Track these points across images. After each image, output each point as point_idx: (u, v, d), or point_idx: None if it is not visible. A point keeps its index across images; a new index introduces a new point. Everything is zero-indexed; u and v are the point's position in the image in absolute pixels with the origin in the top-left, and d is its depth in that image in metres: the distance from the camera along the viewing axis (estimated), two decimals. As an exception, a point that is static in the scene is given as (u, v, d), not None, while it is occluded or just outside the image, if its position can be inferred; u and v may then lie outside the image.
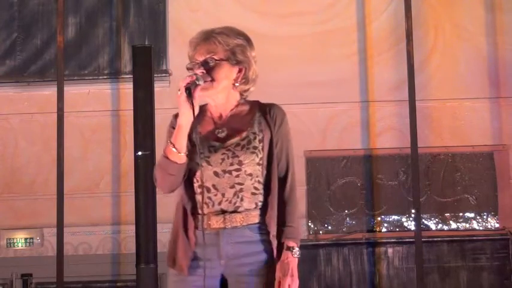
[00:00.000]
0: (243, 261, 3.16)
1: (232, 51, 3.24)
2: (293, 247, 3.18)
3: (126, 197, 7.29)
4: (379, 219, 7.47)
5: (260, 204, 3.20)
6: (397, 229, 7.44)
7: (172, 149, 3.12)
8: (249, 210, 3.18)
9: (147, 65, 6.83)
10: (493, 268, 7.24)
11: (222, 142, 3.21)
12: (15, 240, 7.47)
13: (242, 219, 3.17)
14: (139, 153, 6.54)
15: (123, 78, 7.62)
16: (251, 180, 3.18)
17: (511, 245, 7.24)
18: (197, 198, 3.19)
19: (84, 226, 7.46)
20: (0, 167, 7.57)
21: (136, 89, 6.84)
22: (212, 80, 3.18)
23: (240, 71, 3.26)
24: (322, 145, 7.56)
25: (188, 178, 3.20)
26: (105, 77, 7.67)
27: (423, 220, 7.28)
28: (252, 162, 3.19)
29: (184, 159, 3.14)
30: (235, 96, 3.29)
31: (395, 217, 7.46)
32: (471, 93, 7.57)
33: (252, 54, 3.30)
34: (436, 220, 7.46)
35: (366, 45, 7.63)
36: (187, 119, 3.11)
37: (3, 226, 7.48)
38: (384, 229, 7.45)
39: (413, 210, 7.13)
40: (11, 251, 7.49)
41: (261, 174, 3.20)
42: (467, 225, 7.44)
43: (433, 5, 7.65)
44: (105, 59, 7.68)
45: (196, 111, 3.12)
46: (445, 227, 7.45)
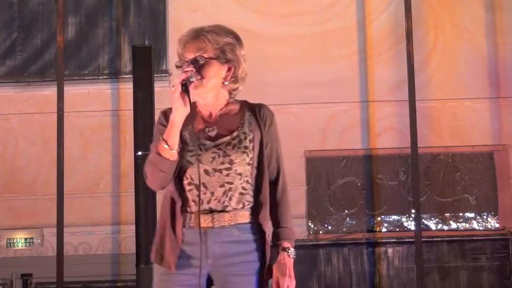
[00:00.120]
0: (231, 261, 3.15)
1: (221, 49, 3.22)
2: (288, 248, 3.20)
3: (126, 197, 7.29)
4: (379, 219, 7.47)
5: (248, 204, 3.20)
6: (397, 229, 7.44)
7: (165, 145, 3.11)
8: (236, 209, 3.18)
9: (147, 65, 6.83)
10: (493, 268, 7.24)
11: (212, 141, 3.21)
12: (15, 240, 7.47)
13: (230, 219, 3.17)
14: (139, 153, 6.54)
15: (123, 78, 7.62)
16: (240, 179, 3.18)
17: (511, 245, 7.24)
18: (186, 195, 3.19)
19: (84, 226, 7.46)
20: (0, 167, 7.57)
21: (136, 89, 6.84)
22: (202, 78, 3.17)
23: (229, 69, 3.25)
24: (322, 145, 7.56)
25: (178, 175, 3.19)
26: (105, 77, 7.67)
27: (423, 220, 7.28)
28: (243, 162, 3.19)
29: (176, 156, 3.13)
30: (225, 95, 3.28)
31: (395, 217, 7.46)
32: (471, 93, 7.57)
33: (242, 52, 3.28)
34: (436, 220, 7.46)
35: (366, 45, 7.63)
36: (181, 116, 3.11)
37: (3, 226, 7.48)
38: (384, 229, 7.45)
39: (413, 210, 7.13)
40: (11, 251, 7.49)
41: (250, 174, 3.21)
42: (467, 225, 7.44)
43: (433, 5, 7.65)
44: (105, 59, 7.69)
45: (189, 108, 3.11)
46: (445, 227, 7.45)
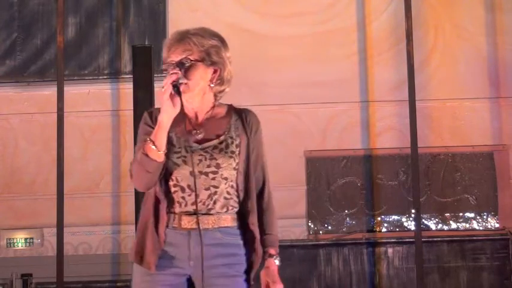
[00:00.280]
0: (213, 263, 3.15)
1: (207, 52, 3.22)
2: (275, 255, 3.29)
3: (126, 197, 7.29)
4: (379, 219, 7.47)
5: (231, 208, 3.21)
6: (397, 229, 7.44)
7: (152, 146, 3.10)
8: (220, 213, 3.18)
9: (147, 65, 6.83)
10: (493, 268, 7.24)
11: (199, 143, 3.21)
12: (15, 240, 7.47)
13: (214, 222, 3.17)
14: (139, 153, 6.53)
15: (123, 78, 7.62)
16: (225, 184, 3.19)
17: (511, 245, 7.24)
18: (171, 196, 3.18)
19: (84, 226, 7.46)
20: (0, 167, 7.57)
21: (136, 89, 6.84)
22: (188, 80, 3.16)
23: (215, 71, 3.24)
24: (322, 145, 7.56)
25: (164, 176, 3.18)
26: (105, 77, 7.67)
27: (423, 220, 7.28)
28: (229, 166, 3.19)
29: (163, 157, 3.12)
30: (210, 98, 3.27)
31: (395, 217, 7.46)
32: (471, 93, 7.57)
33: (227, 54, 3.28)
34: (436, 220, 7.46)
35: (366, 45, 7.63)
36: (169, 117, 3.10)
37: (3, 226, 7.48)
38: (384, 229, 7.45)
39: (413, 210, 7.13)
40: (11, 251, 7.49)
41: (235, 180, 3.21)
42: (467, 225, 7.44)
43: (433, 5, 7.65)
44: (105, 59, 7.69)
45: (178, 110, 3.11)
46: (445, 227, 7.45)
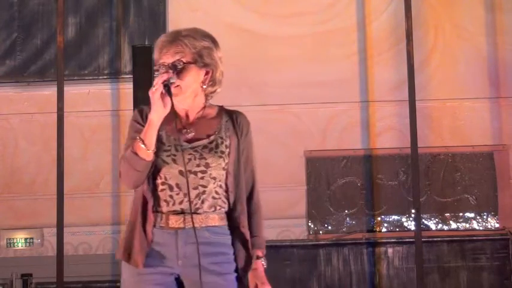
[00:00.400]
0: (201, 262, 3.13)
1: (199, 54, 3.22)
2: (262, 257, 3.27)
3: (126, 197, 7.29)
4: (379, 219, 7.47)
5: (219, 208, 3.21)
6: (397, 229, 7.44)
7: (141, 145, 3.10)
8: (207, 212, 3.18)
9: (147, 65, 6.83)
10: (493, 268, 7.24)
11: (189, 142, 3.21)
12: (15, 240, 7.47)
13: (201, 221, 3.17)
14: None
15: (123, 78, 7.62)
16: (214, 184, 3.19)
17: (511, 245, 7.24)
18: (158, 195, 3.19)
19: (84, 226, 7.46)
20: (0, 167, 7.57)
21: (136, 89, 6.84)
22: (180, 82, 3.17)
23: (207, 73, 3.25)
24: (322, 145, 7.56)
25: (152, 174, 3.19)
26: (105, 77, 7.67)
27: (423, 220, 7.28)
28: (218, 166, 3.20)
29: (152, 156, 3.12)
30: (202, 99, 3.28)
31: (395, 217, 7.46)
32: (471, 93, 7.57)
33: (219, 55, 3.28)
34: (436, 220, 7.46)
35: (366, 45, 7.63)
36: (160, 117, 3.11)
37: (3, 226, 7.48)
38: (384, 229, 7.45)
39: (413, 210, 7.13)
40: (11, 251, 7.49)
41: (224, 180, 3.22)
42: (467, 225, 7.44)
43: (433, 5, 7.65)
44: (105, 59, 7.69)
45: (168, 109, 3.12)
46: (445, 227, 7.45)
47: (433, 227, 7.45)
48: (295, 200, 7.49)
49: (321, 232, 7.46)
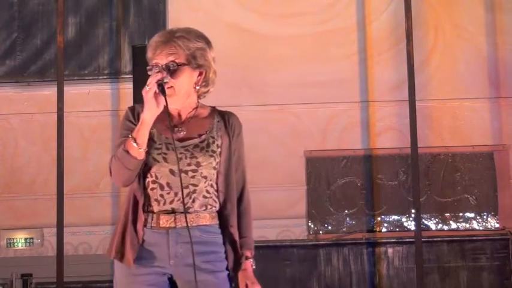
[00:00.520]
0: (191, 260, 3.13)
1: (192, 55, 3.23)
2: (251, 257, 3.29)
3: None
4: (379, 219, 7.47)
5: (210, 207, 3.22)
6: (397, 229, 7.44)
7: (133, 143, 3.11)
8: (198, 212, 3.19)
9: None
10: (493, 268, 7.23)
11: (180, 141, 3.22)
12: (15, 240, 7.47)
13: (192, 220, 3.17)
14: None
15: (123, 78, 7.62)
16: (205, 183, 3.20)
17: (511, 245, 7.24)
18: (148, 193, 3.19)
19: (84, 226, 7.46)
20: (0, 167, 7.57)
21: (136, 89, 6.83)
22: (174, 84, 3.18)
23: (200, 74, 3.26)
24: (322, 145, 7.56)
25: (142, 172, 3.19)
26: (105, 77, 7.67)
27: (423, 220, 7.28)
28: (209, 165, 3.20)
29: (143, 155, 3.13)
30: (194, 98, 3.30)
31: (395, 217, 7.46)
32: (471, 93, 7.57)
33: (212, 55, 3.29)
34: (436, 220, 7.46)
35: (366, 45, 7.63)
36: (152, 116, 3.12)
37: (3, 226, 7.48)
38: (384, 229, 7.45)
39: (413, 210, 7.13)
40: (11, 251, 7.49)
41: (215, 179, 3.23)
42: (467, 225, 7.44)
43: (433, 5, 7.65)
44: (105, 59, 7.69)
45: (161, 109, 3.12)
46: (445, 227, 7.45)
47: (433, 227, 7.44)
48: (295, 200, 7.49)
49: (321, 232, 7.46)
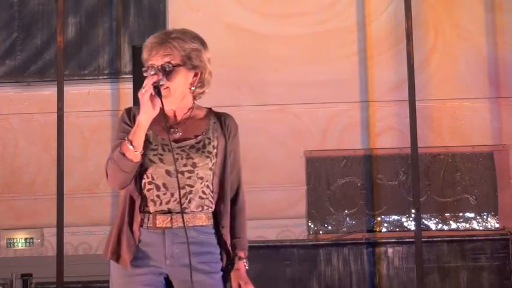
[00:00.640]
0: (187, 261, 3.14)
1: (188, 56, 3.23)
2: (244, 258, 3.29)
3: (126, 197, 7.28)
4: (379, 219, 7.47)
5: (206, 208, 3.23)
6: (397, 229, 7.44)
7: (129, 146, 3.11)
8: (194, 212, 3.20)
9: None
10: (493, 268, 7.23)
11: (176, 142, 3.22)
12: (15, 240, 7.47)
13: (188, 220, 3.18)
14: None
15: (123, 78, 7.63)
16: (201, 184, 3.21)
17: (511, 245, 7.24)
18: (145, 194, 3.21)
19: (84, 226, 7.46)
20: (0, 167, 7.57)
21: (136, 89, 6.83)
22: (169, 85, 3.18)
23: (195, 75, 3.27)
24: (322, 145, 7.56)
25: (139, 174, 3.20)
26: (105, 77, 7.67)
27: (423, 220, 7.28)
28: (205, 166, 3.21)
29: (139, 157, 3.13)
30: (190, 99, 3.30)
31: (395, 217, 7.46)
32: (471, 93, 7.57)
33: (207, 56, 3.30)
34: (436, 220, 7.46)
35: (366, 45, 7.63)
36: (149, 118, 3.12)
37: (3, 226, 7.47)
38: (384, 229, 7.45)
39: (413, 210, 7.13)
40: (11, 251, 7.49)
41: (211, 180, 3.23)
42: (467, 225, 7.44)
43: (433, 5, 7.65)
44: (105, 59, 7.69)
45: (157, 111, 3.12)
46: (445, 227, 7.45)
47: (433, 227, 7.44)
48: (295, 200, 7.49)
49: (321, 232, 7.45)
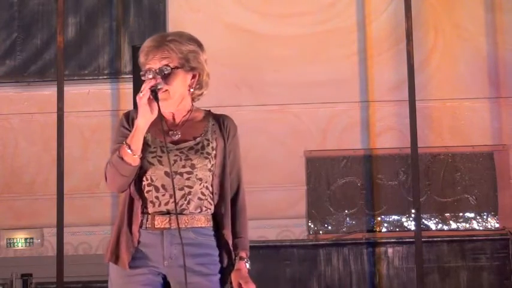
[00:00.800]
0: (186, 262, 3.13)
1: (185, 58, 3.23)
2: (246, 258, 3.28)
3: (126, 197, 7.27)
4: (379, 219, 7.47)
5: (205, 209, 3.23)
6: (397, 229, 7.44)
7: (128, 150, 3.12)
8: (193, 213, 3.20)
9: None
10: (493, 268, 7.23)
11: (175, 144, 3.23)
12: (15, 240, 7.47)
13: (187, 222, 3.19)
14: (139, 153, 6.54)
15: (123, 78, 7.63)
16: (200, 185, 3.21)
17: (511, 245, 7.24)
18: (144, 196, 3.21)
19: (84, 226, 7.46)
20: (0, 167, 7.57)
21: (136, 89, 6.83)
22: (168, 87, 3.18)
23: (193, 76, 3.27)
24: (322, 145, 7.56)
25: (138, 176, 3.21)
26: (105, 77, 7.68)
27: (423, 220, 7.28)
28: (204, 167, 3.22)
29: (138, 161, 3.14)
30: (188, 101, 3.31)
31: (395, 217, 7.46)
32: (471, 93, 7.57)
33: (204, 58, 3.30)
34: (436, 220, 7.46)
35: (366, 45, 7.63)
36: (147, 122, 3.13)
37: (3, 226, 7.48)
38: (384, 229, 7.45)
39: (413, 210, 7.13)
40: (11, 251, 7.49)
41: (210, 181, 3.23)
42: (467, 225, 7.44)
43: (433, 5, 7.65)
44: (105, 59, 7.69)
45: (155, 115, 3.13)
46: (445, 227, 7.45)
47: (433, 227, 7.44)
48: (295, 200, 7.49)
49: (321, 232, 7.46)
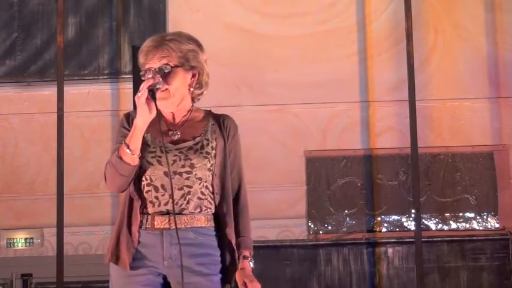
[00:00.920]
0: (186, 263, 3.13)
1: (185, 57, 3.24)
2: (249, 257, 3.28)
3: (126, 197, 7.28)
4: (379, 219, 7.47)
5: (205, 209, 3.22)
6: (397, 229, 7.44)
7: (127, 150, 3.12)
8: (193, 213, 3.20)
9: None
10: (493, 268, 7.23)
11: (174, 144, 3.23)
12: (15, 240, 7.47)
13: (186, 222, 3.18)
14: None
15: (123, 78, 7.63)
16: (200, 184, 3.20)
17: (511, 245, 7.24)
18: (144, 196, 3.21)
19: (84, 226, 7.46)
20: (0, 167, 7.57)
21: (136, 89, 6.82)
22: (168, 86, 3.18)
23: (193, 76, 3.27)
24: (322, 145, 7.56)
25: (138, 176, 3.21)
26: (105, 77, 7.68)
27: (423, 220, 7.28)
28: (204, 166, 3.21)
29: (137, 161, 3.14)
30: (188, 101, 3.30)
31: (395, 217, 7.46)
32: (471, 93, 7.57)
33: (204, 57, 3.30)
34: (436, 220, 7.46)
35: (366, 45, 7.63)
36: (145, 121, 3.13)
37: (3, 226, 7.48)
38: (384, 229, 7.45)
39: (413, 210, 7.13)
40: (11, 251, 7.49)
41: (210, 181, 3.23)
42: (467, 225, 7.44)
43: (433, 5, 7.65)
44: (105, 59, 7.69)
45: (154, 114, 3.13)
46: (445, 227, 7.45)
47: (433, 227, 7.45)
48: (295, 200, 7.49)
49: (321, 232, 7.46)
